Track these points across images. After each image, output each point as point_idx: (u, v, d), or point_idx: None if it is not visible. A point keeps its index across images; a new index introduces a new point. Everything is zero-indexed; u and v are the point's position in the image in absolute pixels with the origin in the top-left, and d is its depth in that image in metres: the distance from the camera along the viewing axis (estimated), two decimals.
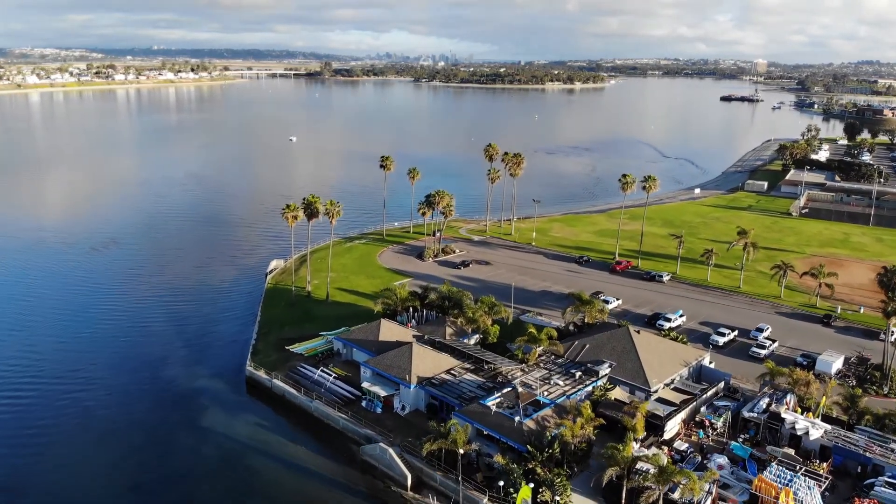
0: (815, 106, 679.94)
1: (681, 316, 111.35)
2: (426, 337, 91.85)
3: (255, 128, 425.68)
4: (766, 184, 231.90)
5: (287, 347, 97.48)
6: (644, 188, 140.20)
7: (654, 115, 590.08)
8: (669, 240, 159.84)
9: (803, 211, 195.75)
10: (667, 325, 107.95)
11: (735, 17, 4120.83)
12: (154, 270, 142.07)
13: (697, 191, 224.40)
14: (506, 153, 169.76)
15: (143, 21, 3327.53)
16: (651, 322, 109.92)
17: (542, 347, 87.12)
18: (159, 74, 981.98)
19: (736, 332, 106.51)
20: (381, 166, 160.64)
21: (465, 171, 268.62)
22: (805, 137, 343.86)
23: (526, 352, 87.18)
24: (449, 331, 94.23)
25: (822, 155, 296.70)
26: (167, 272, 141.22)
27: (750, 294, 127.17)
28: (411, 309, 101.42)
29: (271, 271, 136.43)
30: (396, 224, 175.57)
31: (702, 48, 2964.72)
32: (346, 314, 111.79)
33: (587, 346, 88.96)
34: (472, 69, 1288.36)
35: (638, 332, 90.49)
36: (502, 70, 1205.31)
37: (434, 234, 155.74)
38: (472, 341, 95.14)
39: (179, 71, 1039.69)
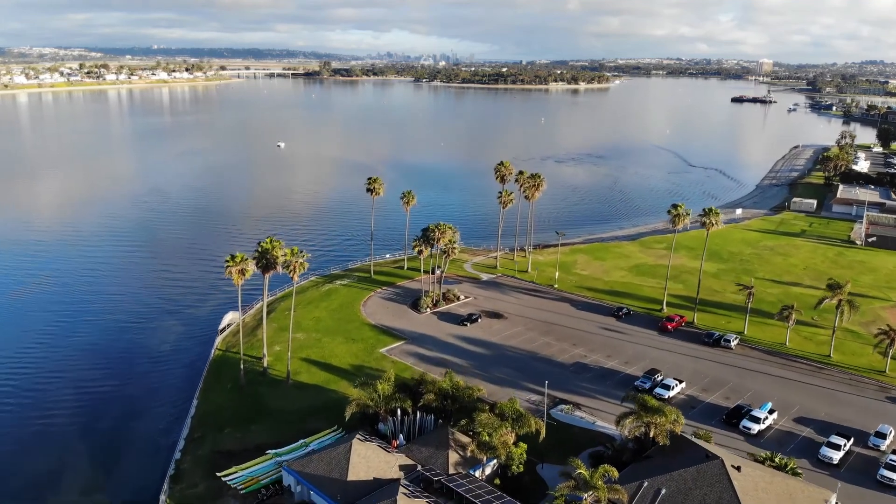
0: (834, 108, 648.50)
1: (771, 412, 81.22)
2: (419, 469, 61.94)
3: (243, 132, 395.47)
4: (814, 202, 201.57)
5: (219, 475, 67.43)
6: (703, 224, 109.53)
7: (666, 118, 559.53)
8: (723, 281, 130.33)
9: (870, 240, 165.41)
10: (755, 427, 77.90)
11: (736, 17, 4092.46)
12: (77, 328, 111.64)
13: (739, 211, 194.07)
14: (520, 172, 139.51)
15: (143, 20, 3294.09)
16: (731, 420, 79.89)
17: (595, 495, 57.08)
18: (152, 74, 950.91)
19: (851, 441, 76.41)
20: (369, 190, 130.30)
21: (469, 184, 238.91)
22: (840, 144, 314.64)
23: (573, 500, 57.16)
24: (453, 457, 64.18)
25: (863, 165, 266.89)
26: (93, 330, 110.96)
27: (845, 367, 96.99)
28: (399, 412, 71.37)
29: (225, 329, 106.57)
30: (388, 256, 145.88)
31: (703, 48, 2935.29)
32: (310, 407, 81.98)
33: (663, 491, 58.95)
34: (473, 69, 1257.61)
35: (737, 468, 60.35)
36: (504, 70, 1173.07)
37: (433, 272, 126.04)
38: (489, 470, 65.29)
39: (173, 70, 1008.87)
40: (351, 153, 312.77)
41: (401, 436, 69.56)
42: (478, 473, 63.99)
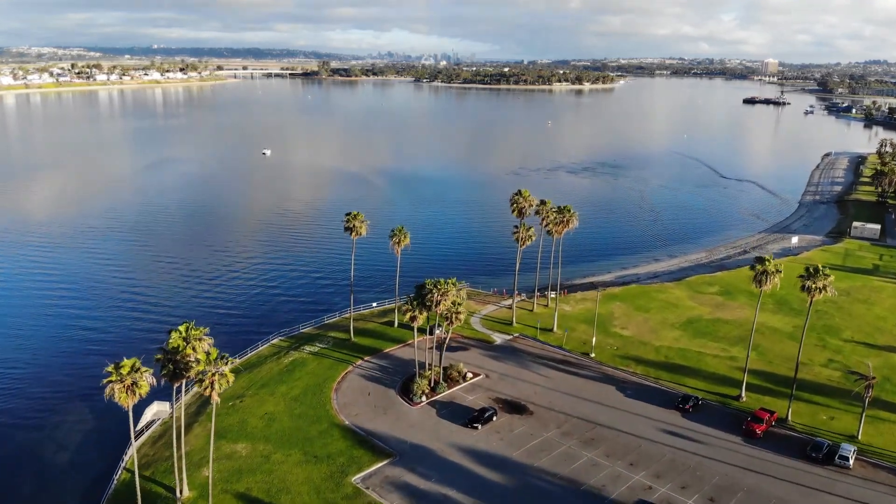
0: (854, 111, 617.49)
1: None
2: None
3: (229, 136, 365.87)
4: (878, 228, 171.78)
5: None
6: (807, 289, 79.71)
7: (679, 121, 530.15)
8: (805, 345, 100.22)
9: None
10: None
11: (739, 17, 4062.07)
12: None
13: (795, 240, 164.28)
14: (542, 202, 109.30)
15: (143, 20, 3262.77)
16: None
17: None
18: (145, 74, 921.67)
19: None
20: (347, 229, 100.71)
21: (472, 197, 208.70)
22: (881, 153, 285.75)
23: None
24: None
25: None
26: None
27: None
28: None
29: (143, 430, 77.14)
30: (375, 305, 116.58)
31: (705, 48, 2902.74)
32: None
33: None
34: (474, 69, 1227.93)
35: None
36: (507, 70, 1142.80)
37: (431, 332, 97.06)
38: None
39: (167, 71, 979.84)
40: (344, 162, 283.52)
41: None
42: None
